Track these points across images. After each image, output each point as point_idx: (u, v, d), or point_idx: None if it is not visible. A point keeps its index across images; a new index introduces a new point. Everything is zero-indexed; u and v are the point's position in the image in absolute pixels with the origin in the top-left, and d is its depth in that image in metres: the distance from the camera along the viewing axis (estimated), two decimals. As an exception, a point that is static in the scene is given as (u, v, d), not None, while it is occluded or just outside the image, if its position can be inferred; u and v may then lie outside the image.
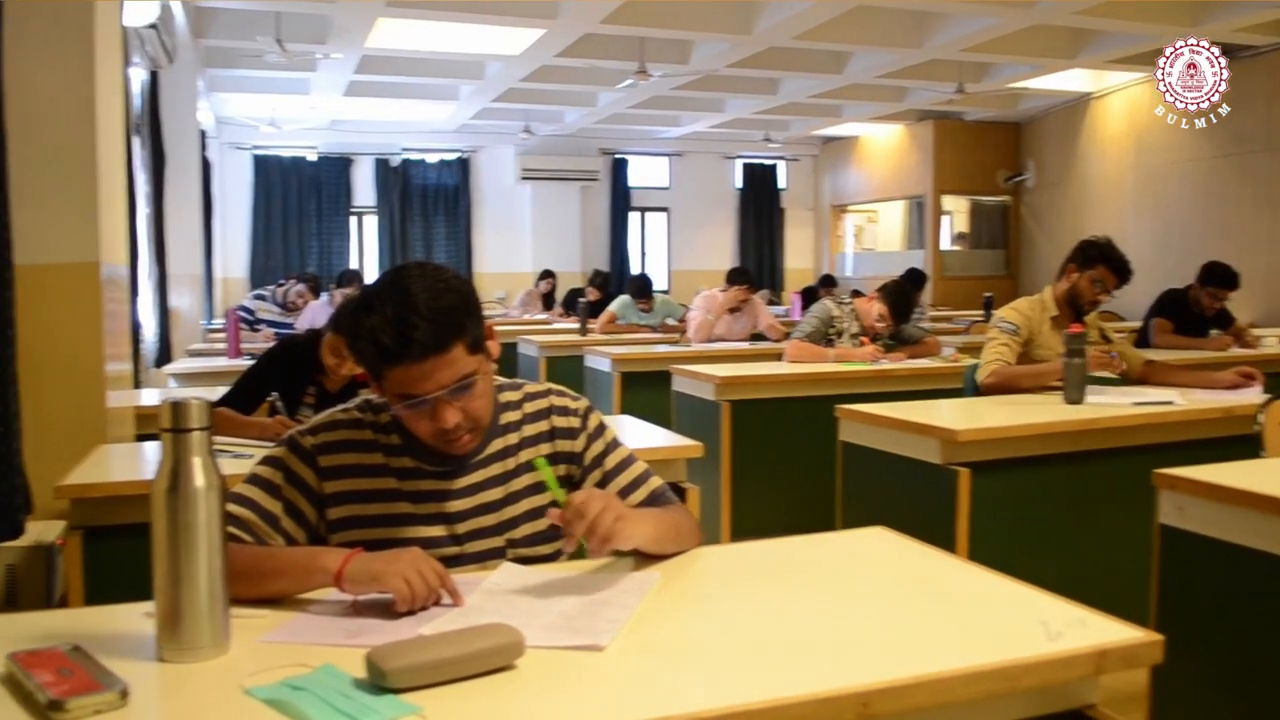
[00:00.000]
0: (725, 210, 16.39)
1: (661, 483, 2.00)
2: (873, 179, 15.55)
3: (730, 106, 13.11)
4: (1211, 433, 3.69)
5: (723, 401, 4.79)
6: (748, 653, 1.44)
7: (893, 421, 3.52)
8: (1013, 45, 9.63)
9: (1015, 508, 3.45)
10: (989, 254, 14.66)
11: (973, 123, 14.00)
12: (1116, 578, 3.28)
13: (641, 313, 8.16)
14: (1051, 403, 3.75)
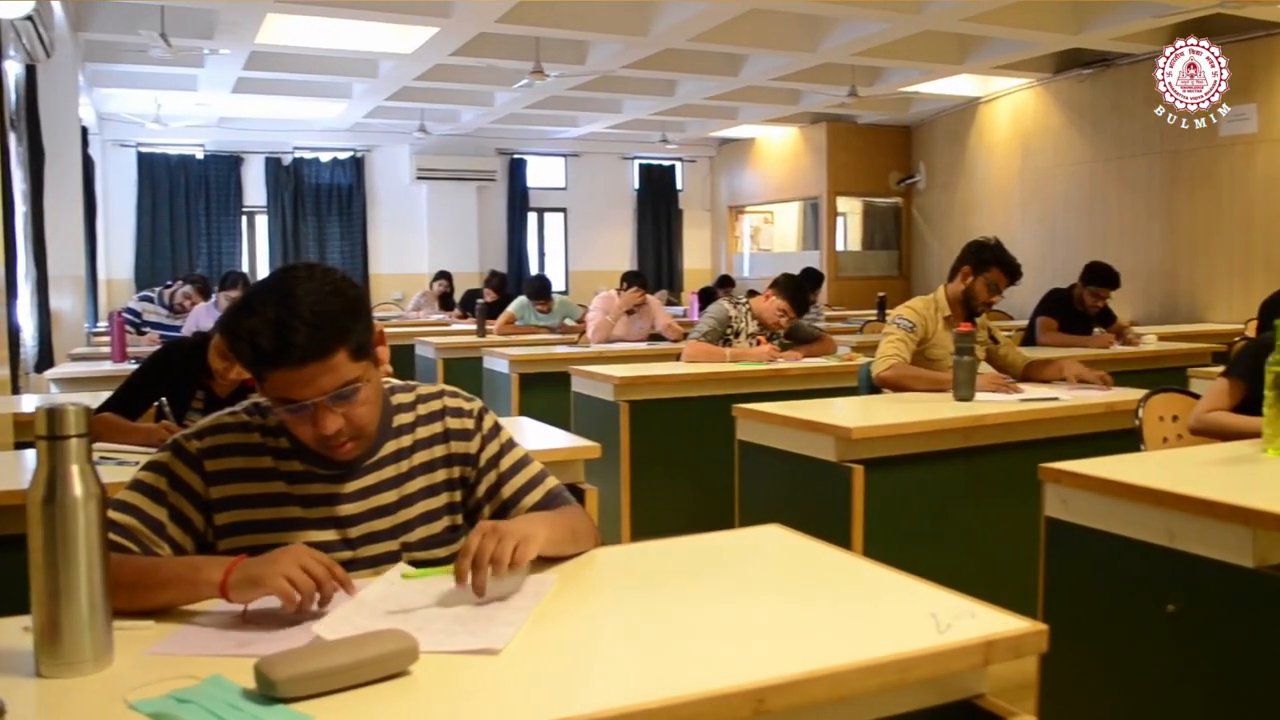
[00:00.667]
0: (623, 211, 16.42)
1: (558, 483, 2.00)
2: (769, 180, 15.73)
3: (627, 107, 13.14)
4: (1095, 427, 3.82)
5: (621, 402, 4.80)
6: (644, 652, 1.44)
7: (788, 420, 3.56)
8: (903, 50, 9.83)
9: (909, 503, 3.52)
10: (882, 254, 14.95)
11: (865, 125, 14.25)
12: (1007, 570, 3.36)
13: (540, 314, 8.13)
14: (942, 400, 3.84)
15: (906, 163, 14.38)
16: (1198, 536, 2.24)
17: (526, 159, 15.68)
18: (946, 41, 9.98)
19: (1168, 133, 10.12)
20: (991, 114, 12.54)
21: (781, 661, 1.36)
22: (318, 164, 14.52)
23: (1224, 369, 3.27)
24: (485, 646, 1.43)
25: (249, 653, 1.38)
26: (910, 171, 14.32)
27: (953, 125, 13.33)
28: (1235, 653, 2.20)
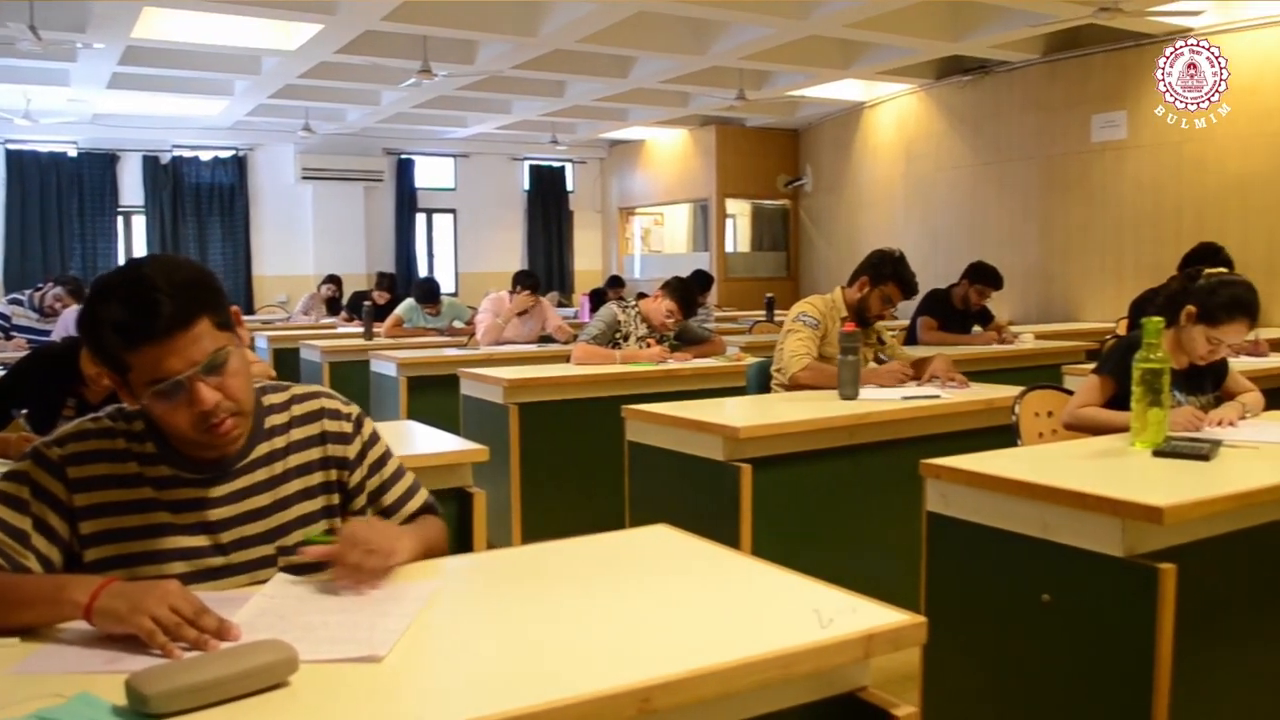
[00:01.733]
0: (513, 212, 16.34)
1: (428, 494, 2.01)
2: (659, 182, 15.81)
3: (517, 108, 13.08)
4: (974, 424, 3.92)
5: (511, 404, 4.76)
6: (529, 655, 1.43)
7: (677, 420, 3.58)
8: (789, 55, 9.98)
9: (796, 501, 3.56)
10: (771, 256, 15.15)
11: (754, 128, 14.42)
12: (891, 564, 3.43)
13: (428, 316, 8.04)
14: (828, 399, 3.90)
15: (794, 165, 14.60)
16: (1070, 528, 2.32)
17: (415, 159, 15.49)
18: (831, 47, 10.15)
19: (1043, 138, 10.48)
20: (876, 118, 12.80)
21: (667, 661, 1.36)
22: (198, 163, 14.13)
23: (1095, 366, 3.39)
24: (367, 654, 1.40)
25: (119, 668, 1.33)
26: (798, 174, 14.54)
27: (839, 129, 13.57)
28: (1106, 639, 2.27)
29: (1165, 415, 2.82)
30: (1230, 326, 3.16)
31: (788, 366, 4.22)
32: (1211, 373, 3.39)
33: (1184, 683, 2.24)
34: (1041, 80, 10.47)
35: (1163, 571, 2.15)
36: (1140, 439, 2.81)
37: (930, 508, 2.66)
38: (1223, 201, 8.97)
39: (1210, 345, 3.20)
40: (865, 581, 3.59)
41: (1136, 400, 2.82)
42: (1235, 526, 2.43)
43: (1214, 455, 2.67)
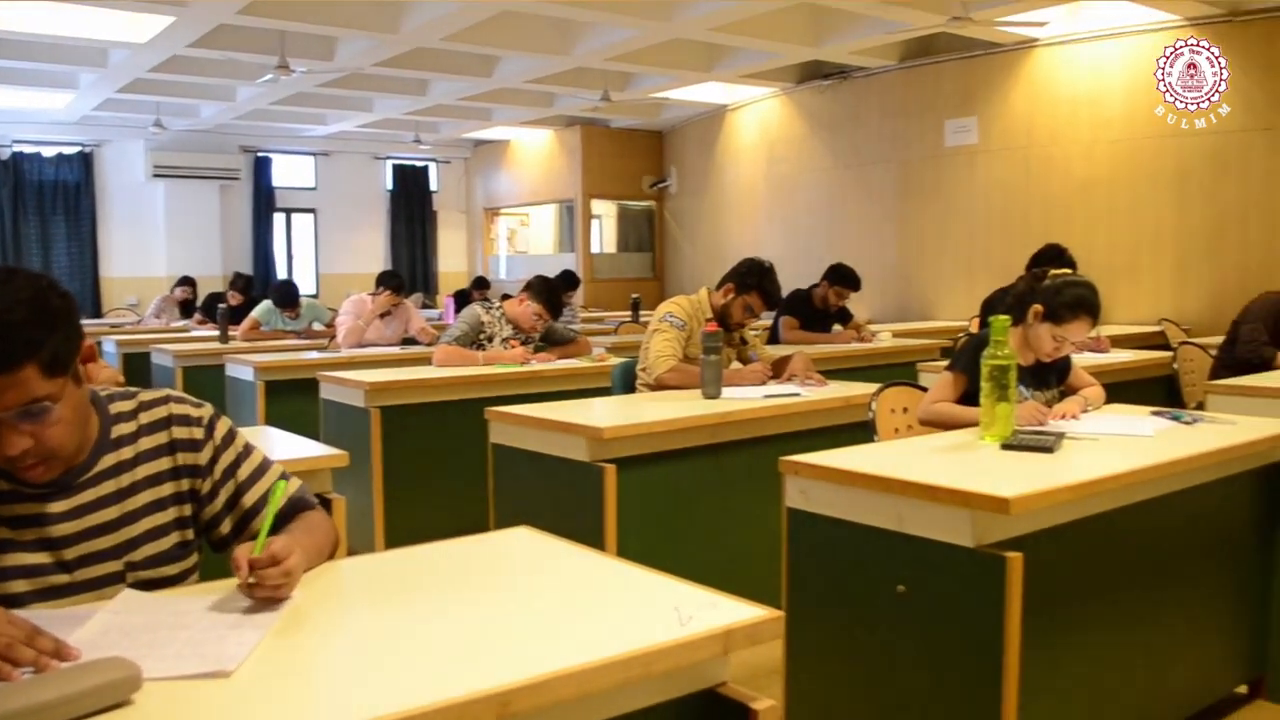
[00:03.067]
0: (375, 212, 16.06)
1: (299, 485, 1.93)
2: (524, 182, 15.74)
3: (379, 106, 12.86)
4: (833, 420, 4.00)
5: (372, 408, 4.67)
6: (386, 664, 1.40)
7: (540, 422, 3.57)
8: (653, 57, 10.05)
9: (661, 500, 3.58)
10: (636, 257, 15.23)
11: (619, 130, 14.48)
12: (754, 560, 3.48)
13: (287, 318, 7.83)
14: (691, 398, 3.93)
15: (659, 167, 14.71)
16: (924, 520, 2.38)
17: (272, 157, 15.10)
18: (695, 50, 10.26)
19: (898, 143, 10.78)
20: (739, 121, 12.98)
21: (526, 664, 1.35)
22: (40, 159, 13.48)
23: (948, 363, 3.49)
24: (215, 669, 1.36)
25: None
26: (663, 176, 14.65)
27: (703, 131, 13.72)
28: (958, 627, 2.35)
29: (1012, 410, 2.92)
30: (1074, 325, 3.30)
31: (653, 367, 4.24)
32: (1056, 369, 3.54)
33: (1032, 666, 2.33)
34: (897, 86, 10.77)
35: (1010, 560, 2.23)
36: (989, 433, 2.91)
37: (789, 503, 2.71)
38: (1067, 204, 9.38)
39: (1055, 343, 3.33)
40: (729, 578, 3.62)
41: (985, 396, 2.92)
42: (1078, 515, 2.53)
43: (1058, 447, 2.79)
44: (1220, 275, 8.37)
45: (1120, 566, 2.76)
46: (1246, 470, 3.15)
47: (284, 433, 3.36)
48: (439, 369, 5.11)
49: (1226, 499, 3.11)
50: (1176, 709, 3.06)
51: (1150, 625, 2.88)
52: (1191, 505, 2.93)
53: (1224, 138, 8.52)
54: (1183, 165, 8.73)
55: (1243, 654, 3.26)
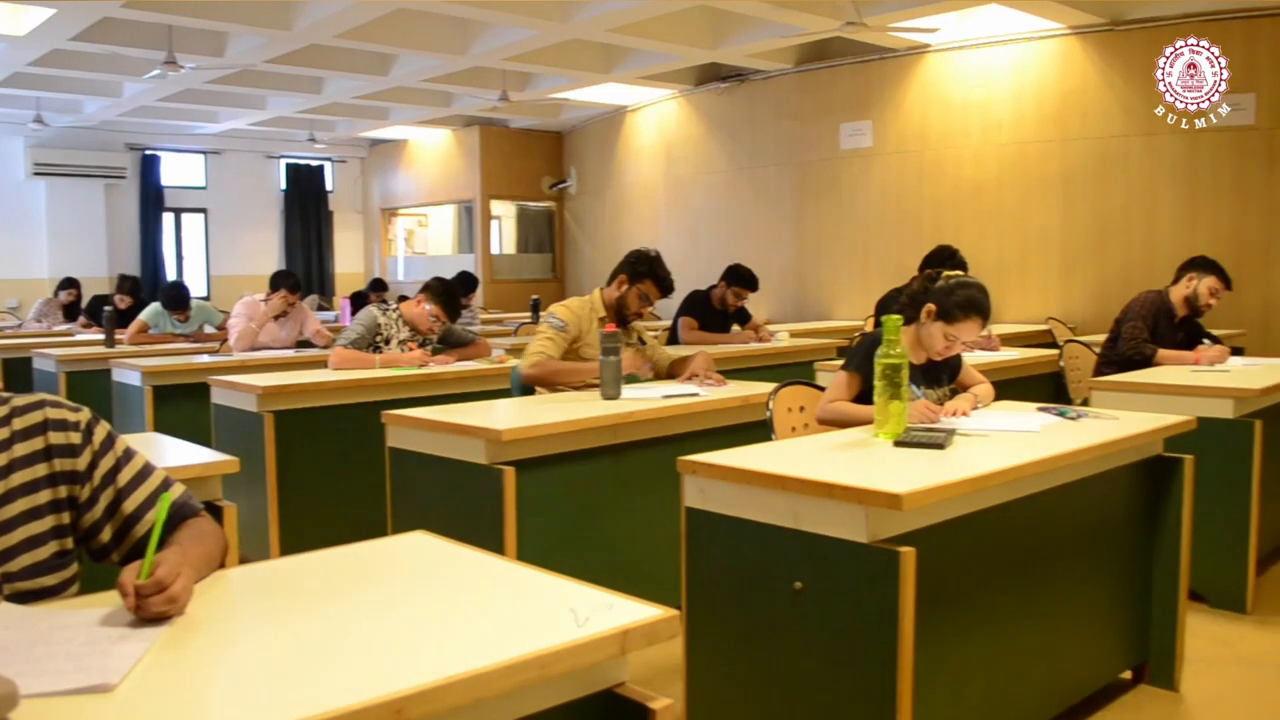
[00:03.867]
0: (269, 212, 15.73)
1: (182, 491, 1.87)
2: (422, 183, 15.58)
3: (272, 104, 12.60)
4: (732, 420, 4.03)
5: (266, 413, 4.57)
6: (276, 673, 1.37)
7: (438, 424, 3.53)
8: (552, 57, 10.03)
9: (561, 502, 3.57)
10: (536, 258, 15.18)
11: (518, 130, 14.42)
12: (656, 560, 3.50)
13: (176, 321, 7.62)
14: (590, 399, 3.93)
15: (559, 168, 14.68)
16: (819, 517, 2.42)
17: (161, 155, 14.69)
18: (593, 51, 10.26)
19: (795, 145, 10.93)
20: (638, 122, 13.02)
21: (420, 670, 1.33)
22: (-89, 156, 12.94)
23: (843, 363, 3.55)
24: (97, 683, 1.31)
25: None
26: (562, 176, 14.63)
27: (602, 132, 13.73)
28: (854, 621, 2.38)
29: (905, 408, 2.98)
30: (965, 324, 3.38)
31: (521, 365, 4.25)
32: (948, 367, 3.62)
33: (926, 657, 2.38)
34: (794, 89, 10.91)
35: (903, 554, 2.27)
36: (882, 430, 2.96)
37: (688, 503, 2.72)
38: (959, 206, 9.61)
39: (947, 341, 3.41)
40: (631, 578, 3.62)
41: (878, 394, 2.97)
42: (969, 509, 2.60)
43: (949, 444, 2.85)
44: (1104, 275, 8.66)
45: (1010, 559, 2.84)
46: (1128, 464, 3.27)
47: (171, 439, 3.27)
48: (335, 372, 5.02)
49: (1110, 492, 3.22)
50: (1065, 696, 3.16)
51: (1039, 615, 2.97)
52: (1077, 498, 3.03)
53: (1106, 142, 8.83)
54: (1068, 169, 9.02)
55: (1127, 641, 3.38)
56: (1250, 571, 4.12)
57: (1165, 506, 3.36)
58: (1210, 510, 3.87)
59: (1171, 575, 3.37)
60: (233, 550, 2.65)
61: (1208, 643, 3.79)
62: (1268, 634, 3.96)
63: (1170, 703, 3.36)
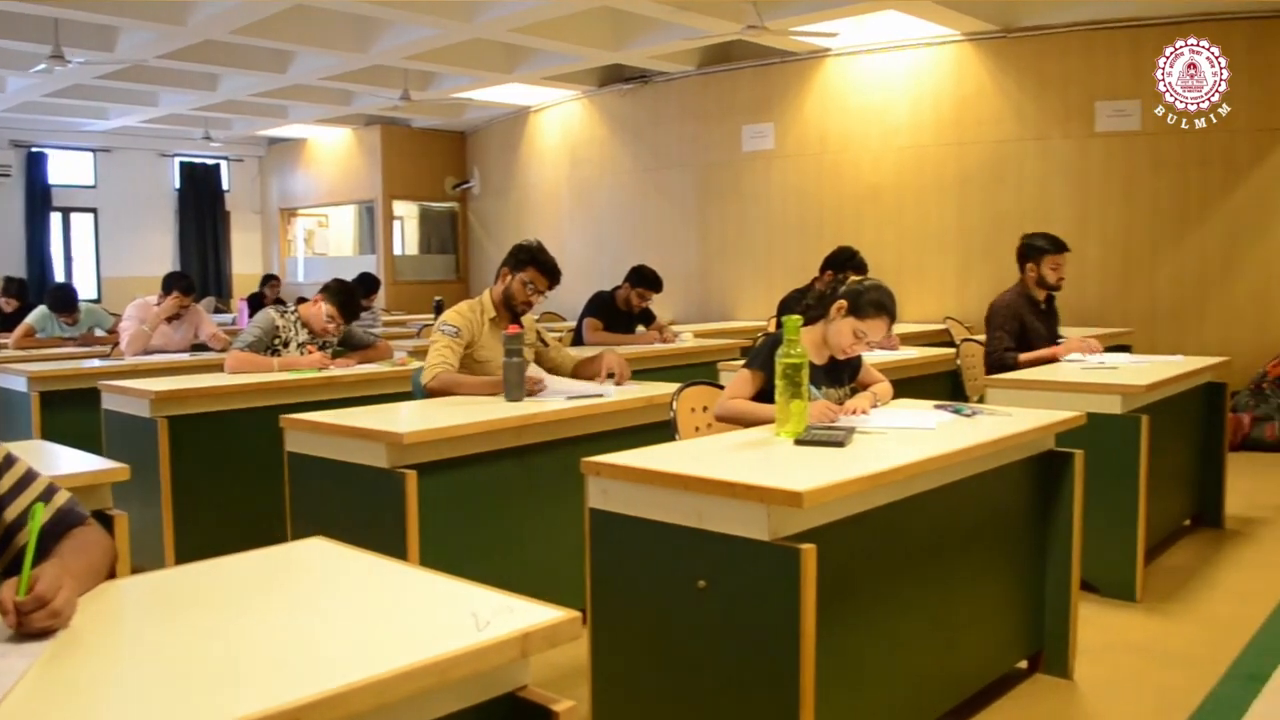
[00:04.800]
0: (163, 212, 15.33)
1: (67, 498, 1.81)
2: (322, 182, 15.33)
3: (165, 101, 12.28)
4: (637, 420, 4.03)
5: (159, 418, 4.44)
6: (170, 685, 1.34)
7: (338, 428, 3.47)
8: (454, 57, 9.95)
9: (465, 506, 3.54)
10: (439, 259, 15.04)
11: (420, 130, 14.27)
12: (562, 562, 3.48)
13: (65, 325, 7.38)
14: (494, 401, 3.90)
15: (462, 168, 14.57)
16: (722, 515, 2.43)
17: (48, 152, 14.23)
18: (496, 50, 10.21)
19: (698, 147, 11.00)
20: (542, 123, 12.98)
21: (318, 678, 1.31)
22: None
23: (745, 361, 3.58)
24: (-25, 701, 1.26)
25: None
26: (466, 177, 14.52)
27: (506, 133, 13.66)
28: (756, 618, 2.40)
29: (805, 406, 3.02)
30: (875, 322, 3.44)
31: (422, 377, 4.21)
32: (848, 367, 3.68)
33: (828, 652, 2.41)
34: (697, 91, 10.98)
35: (804, 551, 2.30)
36: (784, 429, 2.99)
37: (591, 504, 2.72)
38: (859, 208, 9.77)
39: (856, 338, 3.46)
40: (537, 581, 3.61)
41: (779, 393, 3.00)
42: (868, 506, 2.64)
43: (849, 442, 2.89)
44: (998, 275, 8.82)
45: (908, 553, 2.89)
46: (1022, 459, 3.36)
47: (59, 446, 3.16)
48: (231, 376, 4.91)
49: (1004, 486, 3.30)
50: (964, 686, 3.23)
51: (938, 608, 3.03)
52: (972, 493, 3.10)
53: (1000, 146, 9.06)
54: (964, 172, 9.23)
55: (1022, 631, 3.46)
56: (1139, 561, 4.26)
57: (1057, 500, 3.46)
58: (1100, 503, 4.00)
59: (1064, 566, 3.47)
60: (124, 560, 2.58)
61: (1099, 631, 3.91)
62: (1156, 621, 4.10)
63: (1064, 690, 3.45)
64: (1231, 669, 3.59)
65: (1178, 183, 8.47)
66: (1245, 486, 6.04)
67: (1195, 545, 5.13)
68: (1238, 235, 8.32)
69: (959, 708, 3.21)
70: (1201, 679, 3.48)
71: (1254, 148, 8.20)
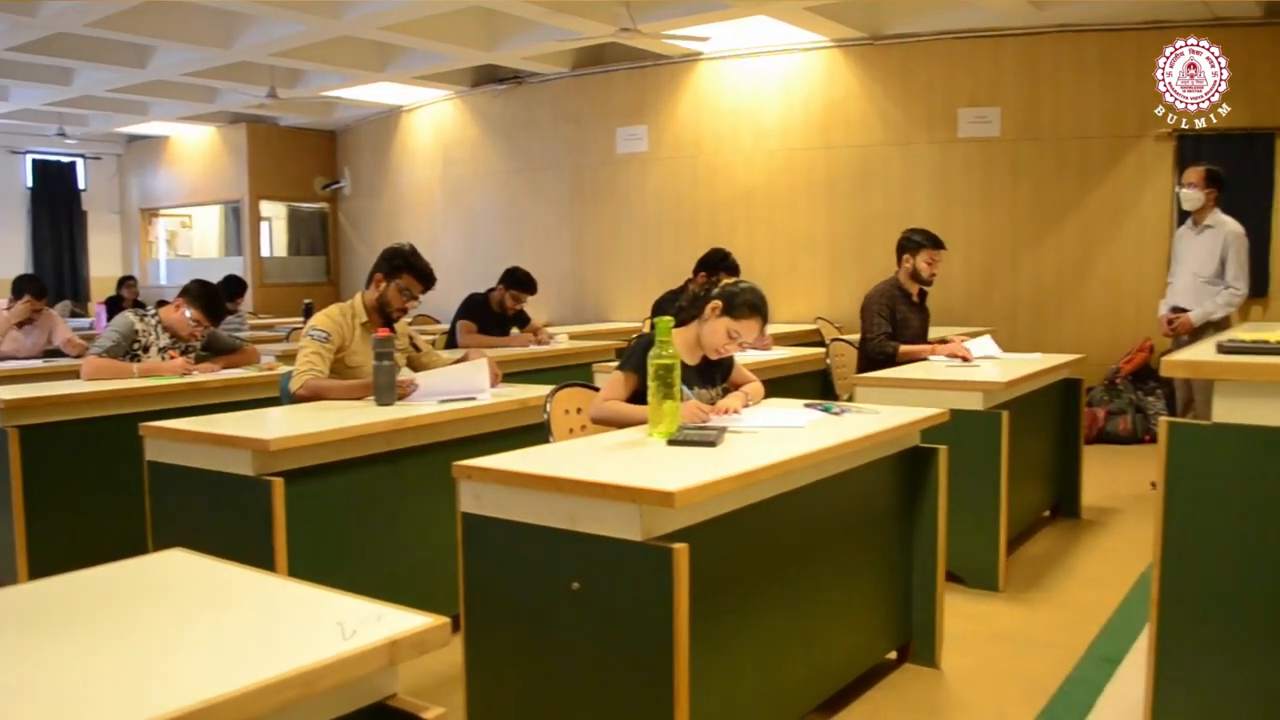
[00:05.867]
0: (13, 211, 14.67)
1: None
2: (185, 182, 14.86)
3: (15, 95, 11.74)
4: (512, 423, 4.02)
5: (10, 428, 4.25)
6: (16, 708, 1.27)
7: (201, 436, 3.37)
8: (323, 54, 9.75)
9: (335, 513, 3.47)
10: (309, 260, 14.73)
11: (289, 128, 13.95)
12: (437, 568, 3.44)
13: (-94, 330, 7.00)
14: (365, 406, 3.83)
15: (332, 168, 14.30)
16: (595, 517, 2.44)
17: (-114, 150, 13.51)
18: (366, 49, 10.04)
19: (572, 149, 11.00)
20: (414, 123, 12.81)
21: (178, 694, 1.26)
22: None
23: (620, 363, 3.59)
24: None
25: None
26: (336, 177, 14.24)
27: (377, 132, 13.44)
28: (630, 619, 2.41)
29: (678, 407, 3.04)
30: (748, 322, 3.49)
31: (290, 384, 4.12)
32: (721, 368, 3.72)
33: (702, 650, 2.43)
34: (570, 93, 10.98)
35: (676, 551, 2.31)
36: (656, 430, 3.01)
37: (464, 508, 2.70)
38: (731, 210, 9.90)
39: (730, 338, 3.50)
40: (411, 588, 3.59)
41: (652, 394, 3.02)
42: (739, 504, 2.68)
43: (720, 441, 2.92)
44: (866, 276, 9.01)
45: (780, 550, 2.94)
46: (889, 455, 3.44)
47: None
48: (88, 383, 4.72)
49: (872, 482, 3.39)
50: (836, 678, 3.30)
51: (810, 603, 3.09)
52: (841, 490, 3.17)
53: (868, 151, 9.28)
54: (832, 175, 9.43)
55: (891, 623, 3.56)
56: (1001, 552, 4.42)
57: (923, 494, 3.56)
58: (965, 496, 4.13)
59: (930, 558, 3.57)
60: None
61: (965, 620, 4.04)
62: (1018, 609, 4.25)
63: (932, 679, 3.55)
64: (1088, 652, 3.77)
65: (1035, 188, 8.81)
66: (1100, 478, 6.32)
67: (1054, 535, 5.34)
68: (1091, 238, 8.69)
69: (831, 699, 3.28)
70: (1062, 663, 3.64)
71: (1106, 155, 8.58)
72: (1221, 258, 5.90)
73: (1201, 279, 5.98)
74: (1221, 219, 5.96)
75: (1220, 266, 5.91)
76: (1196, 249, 6.04)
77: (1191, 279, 6.04)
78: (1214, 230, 5.95)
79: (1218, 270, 5.92)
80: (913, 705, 3.37)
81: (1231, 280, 5.87)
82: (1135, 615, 4.02)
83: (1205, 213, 6.00)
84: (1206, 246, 5.98)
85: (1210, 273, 5.94)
